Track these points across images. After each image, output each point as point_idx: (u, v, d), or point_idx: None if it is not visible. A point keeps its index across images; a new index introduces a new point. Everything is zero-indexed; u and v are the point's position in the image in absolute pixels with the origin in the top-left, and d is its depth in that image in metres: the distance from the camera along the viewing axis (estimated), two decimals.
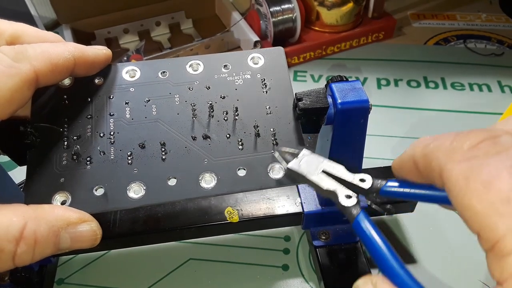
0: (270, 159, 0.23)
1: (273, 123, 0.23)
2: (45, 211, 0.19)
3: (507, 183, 0.12)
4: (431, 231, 0.34)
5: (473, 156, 0.14)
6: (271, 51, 0.26)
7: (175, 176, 0.22)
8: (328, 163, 0.20)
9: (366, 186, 0.18)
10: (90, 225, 0.20)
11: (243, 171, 0.22)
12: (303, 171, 0.20)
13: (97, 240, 0.20)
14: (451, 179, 0.14)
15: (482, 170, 0.13)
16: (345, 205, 0.18)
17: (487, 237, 0.13)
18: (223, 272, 0.32)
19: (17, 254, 0.18)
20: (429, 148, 0.15)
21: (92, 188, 0.21)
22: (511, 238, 0.12)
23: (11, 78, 0.19)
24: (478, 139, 0.14)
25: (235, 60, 0.25)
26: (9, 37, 0.21)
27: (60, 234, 0.19)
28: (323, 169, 0.19)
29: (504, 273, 0.12)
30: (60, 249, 0.19)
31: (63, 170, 0.22)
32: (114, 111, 0.23)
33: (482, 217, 0.13)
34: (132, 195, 0.22)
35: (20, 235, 0.18)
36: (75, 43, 0.22)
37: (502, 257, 0.12)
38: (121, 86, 0.24)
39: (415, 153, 0.16)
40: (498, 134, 0.14)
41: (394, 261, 0.16)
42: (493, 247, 0.12)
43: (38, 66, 0.20)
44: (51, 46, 0.21)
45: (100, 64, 0.23)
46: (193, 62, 0.25)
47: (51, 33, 0.23)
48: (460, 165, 0.14)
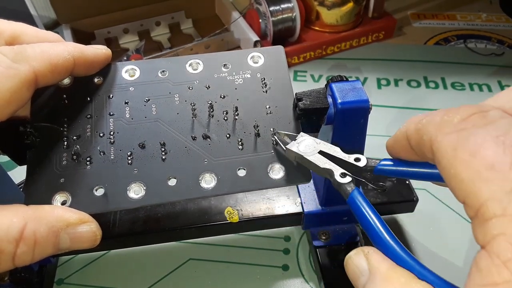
0: (270, 159, 0.23)
1: (273, 123, 0.23)
2: (45, 212, 0.19)
3: (491, 151, 0.13)
4: (431, 231, 0.34)
5: (462, 128, 0.14)
6: (271, 50, 0.25)
7: (175, 176, 0.22)
8: (325, 145, 0.21)
9: (361, 164, 0.19)
10: (90, 226, 0.20)
11: (243, 171, 0.22)
12: (301, 152, 0.21)
13: (97, 240, 0.21)
14: (440, 150, 0.14)
15: (469, 140, 0.13)
16: (340, 182, 0.19)
17: (472, 203, 0.13)
18: (223, 272, 0.32)
19: (17, 255, 0.18)
20: (421, 123, 0.16)
21: (92, 188, 0.21)
22: (493, 203, 0.12)
23: (10, 79, 0.19)
24: (467, 113, 0.14)
25: (235, 59, 0.25)
26: (8, 37, 0.21)
27: (59, 234, 0.19)
28: (320, 149, 0.21)
29: (487, 236, 0.12)
30: (60, 250, 0.19)
31: (63, 170, 0.22)
32: (113, 111, 0.23)
33: (467, 184, 0.13)
34: (132, 195, 0.22)
35: (20, 236, 0.18)
36: (74, 43, 0.22)
37: (485, 221, 0.12)
38: (121, 85, 0.24)
39: (408, 129, 0.17)
40: (487, 109, 0.14)
41: (386, 233, 0.16)
42: (476, 213, 0.13)
43: (37, 66, 0.20)
44: (51, 46, 0.21)
45: (99, 64, 0.23)
46: (192, 61, 0.25)
47: (51, 32, 0.23)
48: (449, 137, 0.14)
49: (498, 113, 0.14)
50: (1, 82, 0.18)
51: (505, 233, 0.12)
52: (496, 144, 0.13)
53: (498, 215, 0.12)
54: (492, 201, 0.12)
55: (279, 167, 0.23)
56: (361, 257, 0.17)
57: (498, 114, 0.14)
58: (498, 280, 0.11)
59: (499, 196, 0.12)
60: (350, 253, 0.18)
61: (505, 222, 0.12)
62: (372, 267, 0.16)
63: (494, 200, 0.12)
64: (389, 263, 0.16)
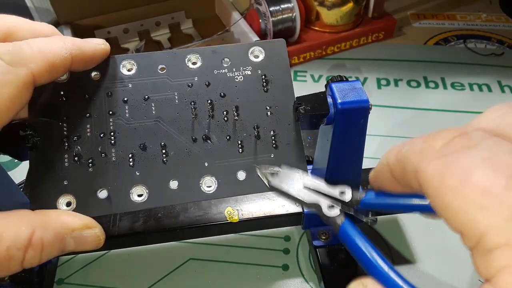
0: (270, 162, 0.23)
1: (273, 125, 0.23)
2: (51, 219, 0.20)
3: (481, 176, 0.12)
4: (431, 231, 0.34)
5: (446, 154, 0.13)
6: (273, 44, 0.25)
7: (176, 179, 0.22)
8: (308, 178, 0.20)
9: (346, 199, 0.19)
10: (94, 231, 0.21)
11: (243, 174, 0.23)
12: (284, 188, 0.20)
13: (100, 244, 0.21)
14: (426, 180, 0.13)
15: (456, 165, 0.13)
16: (329, 216, 0.18)
17: (470, 234, 0.12)
18: (223, 272, 0.32)
19: (25, 260, 0.19)
20: (402, 153, 0.15)
21: (95, 191, 0.22)
22: (493, 232, 0.11)
23: (9, 86, 0.18)
24: (449, 137, 0.14)
25: (235, 54, 0.24)
26: (3, 33, 0.20)
27: (65, 239, 0.20)
28: (304, 184, 0.20)
29: (491, 269, 0.11)
30: (65, 252, 0.20)
31: (65, 172, 0.22)
32: (113, 110, 0.23)
33: (461, 215, 0.12)
34: (136, 199, 0.22)
35: (28, 243, 0.18)
36: (72, 38, 0.22)
37: (487, 253, 0.11)
38: (119, 81, 0.23)
39: (389, 161, 0.16)
40: (468, 130, 0.14)
41: (383, 264, 0.16)
42: (477, 244, 0.12)
43: (34, 67, 0.19)
44: (48, 43, 0.20)
45: (97, 59, 0.23)
46: (191, 55, 0.24)
47: (46, 24, 0.22)
48: (434, 164, 0.13)
49: (481, 134, 0.13)
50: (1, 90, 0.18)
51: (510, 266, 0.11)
52: (485, 167, 0.12)
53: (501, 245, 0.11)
54: (492, 231, 0.11)
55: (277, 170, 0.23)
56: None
57: (481, 135, 0.13)
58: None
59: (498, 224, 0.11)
60: (350, 286, 0.17)
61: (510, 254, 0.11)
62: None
63: (494, 230, 0.11)
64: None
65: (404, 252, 0.32)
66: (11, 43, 0.19)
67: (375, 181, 0.18)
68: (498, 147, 0.12)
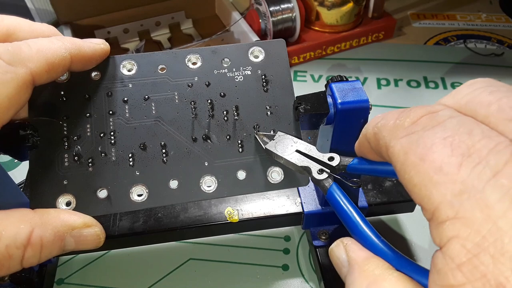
0: (270, 162, 0.23)
1: (273, 124, 0.23)
2: (50, 217, 0.20)
3: (439, 153, 0.13)
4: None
5: (412, 132, 0.14)
6: (272, 44, 0.25)
7: (176, 179, 0.22)
8: (301, 144, 0.21)
9: (334, 163, 0.20)
10: (94, 229, 0.21)
11: (243, 174, 0.23)
12: (278, 151, 0.22)
13: (101, 242, 0.21)
14: (394, 155, 0.14)
15: (418, 143, 0.14)
16: (318, 179, 0.20)
17: (426, 207, 0.13)
18: (223, 272, 0.32)
19: (25, 258, 0.18)
20: (377, 127, 0.16)
21: (95, 190, 0.22)
22: (444, 206, 0.12)
23: (7, 85, 0.18)
24: (418, 115, 0.14)
25: (235, 54, 0.24)
26: (3, 33, 0.20)
27: (65, 238, 0.20)
28: (296, 148, 0.21)
29: (442, 238, 0.12)
30: (65, 251, 0.20)
31: (65, 171, 0.22)
32: (113, 109, 0.23)
33: (420, 189, 0.13)
34: (135, 198, 0.22)
35: (28, 241, 0.18)
36: (71, 38, 0.22)
37: (439, 225, 0.12)
38: (119, 81, 0.23)
39: (367, 133, 0.17)
40: (437, 109, 0.14)
41: (363, 224, 0.17)
42: (432, 217, 0.13)
43: (34, 67, 0.19)
44: (47, 43, 0.20)
45: (97, 60, 0.23)
46: (191, 55, 0.24)
47: (46, 25, 0.22)
48: (401, 141, 0.14)
49: (448, 112, 0.14)
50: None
51: (458, 236, 0.12)
52: (444, 145, 0.13)
53: (450, 218, 0.12)
54: (443, 205, 0.12)
55: (278, 170, 0.23)
56: (340, 248, 0.17)
57: (448, 114, 0.14)
58: (453, 283, 0.12)
59: (449, 199, 0.12)
60: (332, 245, 0.18)
61: (457, 225, 0.12)
62: (350, 259, 0.17)
63: (445, 204, 0.12)
64: (365, 254, 0.16)
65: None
66: (10, 43, 0.19)
67: (358, 150, 0.19)
68: (460, 127, 0.13)
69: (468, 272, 0.11)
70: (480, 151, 0.12)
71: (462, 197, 0.12)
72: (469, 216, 0.12)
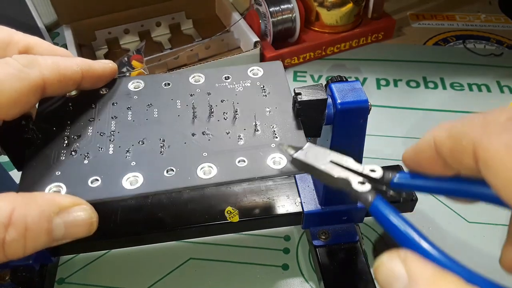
0: (270, 151, 0.22)
1: (273, 121, 0.23)
2: (34, 196, 0.18)
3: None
4: (431, 231, 0.34)
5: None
6: (270, 65, 0.26)
7: (173, 168, 0.22)
8: (336, 154, 0.19)
9: (377, 176, 0.18)
10: (84, 208, 0.19)
11: (243, 163, 0.22)
12: (310, 161, 0.19)
13: (93, 225, 0.19)
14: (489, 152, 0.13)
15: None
16: (359, 191, 0.17)
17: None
18: (223, 271, 0.32)
19: (7, 242, 0.16)
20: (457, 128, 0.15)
21: (87, 180, 0.21)
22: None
23: (20, 81, 0.19)
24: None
25: (236, 72, 0.26)
26: (22, 48, 0.22)
27: (52, 220, 0.18)
28: (331, 159, 0.19)
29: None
30: (55, 238, 0.18)
31: (60, 164, 0.21)
32: (116, 114, 0.24)
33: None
34: (129, 186, 0.21)
35: (8, 220, 0.16)
36: (83, 58, 0.23)
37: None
38: (125, 95, 0.25)
39: (437, 137, 0.15)
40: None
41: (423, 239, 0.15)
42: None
43: (46, 74, 0.20)
44: (61, 58, 0.22)
45: (106, 78, 0.25)
46: (195, 75, 0.26)
47: (63, 49, 0.24)
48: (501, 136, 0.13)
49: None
50: (11, 82, 0.19)
51: None
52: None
53: None
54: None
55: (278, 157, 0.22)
56: (396, 261, 0.15)
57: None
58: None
59: None
60: (381, 258, 0.16)
61: None
62: (413, 273, 0.14)
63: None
64: (433, 268, 0.14)
65: None
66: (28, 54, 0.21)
67: (413, 159, 0.17)
68: None
69: None
70: None
71: None
72: None
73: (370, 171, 0.18)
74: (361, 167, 0.18)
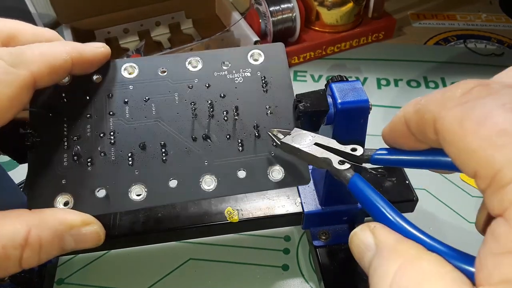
0: (270, 160, 0.23)
1: (273, 124, 0.23)
2: (48, 216, 0.20)
3: (501, 117, 0.12)
4: (431, 231, 0.33)
5: (466, 101, 0.14)
6: (272, 47, 0.25)
7: (175, 178, 0.22)
8: (320, 137, 0.21)
9: (358, 154, 0.19)
10: (93, 227, 0.21)
11: (243, 173, 0.23)
12: (296, 144, 0.21)
13: (101, 240, 0.21)
14: (445, 125, 0.14)
15: (476, 110, 0.13)
16: (339, 169, 0.19)
17: (485, 173, 0.12)
18: (223, 272, 0.32)
19: (23, 259, 0.18)
20: (420, 104, 0.15)
21: (94, 190, 0.22)
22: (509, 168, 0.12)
23: (9, 86, 0.18)
24: (469, 86, 0.14)
25: (235, 57, 0.25)
26: (5, 37, 0.21)
27: (64, 237, 0.20)
28: (315, 142, 0.21)
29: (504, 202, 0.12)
30: (65, 250, 0.20)
31: (64, 171, 0.22)
32: (113, 110, 0.23)
33: (478, 154, 0.12)
34: (134, 198, 0.22)
35: (25, 242, 0.18)
36: (73, 42, 0.22)
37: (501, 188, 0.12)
38: (120, 84, 0.24)
39: (406, 113, 0.16)
40: (488, 82, 0.14)
41: (391, 210, 0.16)
42: (491, 182, 0.12)
43: (35, 70, 0.19)
44: (49, 47, 0.20)
45: (98, 63, 0.23)
46: (192, 59, 0.24)
47: (48, 29, 0.22)
48: (454, 110, 0.14)
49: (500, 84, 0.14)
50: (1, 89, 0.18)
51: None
52: (504, 111, 0.12)
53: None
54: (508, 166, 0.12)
55: (278, 169, 0.23)
56: (367, 232, 0.16)
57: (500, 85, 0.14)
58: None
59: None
60: (355, 229, 0.17)
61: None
62: (379, 242, 0.16)
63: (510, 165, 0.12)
64: (396, 236, 0.15)
65: None
66: (13, 47, 0.20)
67: (389, 136, 0.18)
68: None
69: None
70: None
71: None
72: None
73: (351, 150, 0.19)
74: (344, 147, 0.20)
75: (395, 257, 0.15)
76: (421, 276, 0.13)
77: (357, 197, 0.18)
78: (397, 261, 0.14)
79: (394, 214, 0.16)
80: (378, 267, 0.15)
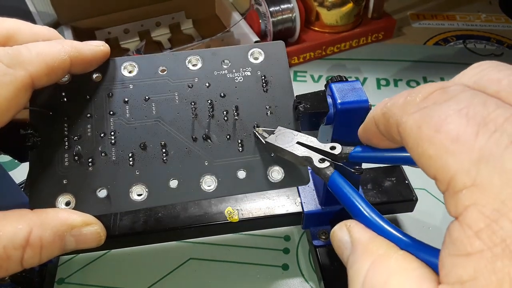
0: (270, 161, 0.23)
1: (273, 124, 0.24)
2: (49, 217, 0.20)
3: (455, 124, 0.13)
4: (431, 231, 0.34)
5: (424, 106, 0.14)
6: (272, 46, 0.25)
7: (176, 178, 0.22)
8: (302, 136, 0.21)
9: (336, 152, 0.20)
10: (94, 227, 0.21)
11: (243, 173, 0.23)
12: (279, 144, 0.22)
13: (102, 240, 0.21)
14: (406, 130, 0.14)
15: (432, 116, 0.13)
16: (319, 167, 0.20)
17: (442, 177, 0.13)
18: (223, 271, 0.32)
19: (25, 259, 0.18)
20: (386, 107, 0.16)
21: (95, 190, 0.22)
22: (461, 174, 0.12)
23: (6, 88, 0.18)
24: (429, 91, 0.14)
25: (235, 56, 0.24)
26: (2, 36, 0.20)
27: (65, 237, 0.20)
28: (297, 140, 0.21)
29: (458, 207, 0.12)
30: (66, 250, 0.20)
31: (65, 171, 0.22)
32: (113, 110, 0.23)
33: (435, 160, 0.13)
34: (135, 198, 0.22)
35: (26, 242, 0.18)
36: (71, 41, 0.22)
37: (455, 193, 0.12)
38: (120, 82, 0.23)
39: (375, 114, 0.17)
40: (448, 85, 0.15)
41: (366, 207, 0.17)
42: (447, 187, 0.13)
43: (33, 70, 0.19)
44: (47, 46, 0.20)
45: (97, 62, 0.23)
46: (192, 57, 0.24)
47: (46, 28, 0.22)
48: (413, 116, 0.14)
49: (459, 87, 0.14)
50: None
51: (476, 203, 0.12)
52: (459, 117, 0.13)
53: (468, 186, 0.12)
54: (461, 173, 0.12)
55: (278, 169, 0.23)
56: (343, 230, 0.17)
57: (459, 89, 0.14)
58: (470, 251, 0.11)
59: (467, 166, 0.12)
60: (334, 228, 0.18)
61: (475, 192, 0.12)
62: (353, 239, 0.16)
63: (462, 171, 0.12)
64: (369, 234, 0.16)
65: None
66: (10, 47, 0.19)
67: (363, 135, 0.19)
68: (473, 99, 0.13)
69: (486, 238, 0.11)
70: (495, 120, 0.12)
71: (480, 164, 0.12)
72: (487, 182, 0.12)
73: (330, 148, 0.20)
74: (323, 146, 0.20)
75: (367, 255, 0.15)
76: (389, 273, 0.14)
77: (336, 194, 0.18)
78: (369, 258, 0.15)
79: (370, 211, 0.17)
80: (353, 264, 0.16)
